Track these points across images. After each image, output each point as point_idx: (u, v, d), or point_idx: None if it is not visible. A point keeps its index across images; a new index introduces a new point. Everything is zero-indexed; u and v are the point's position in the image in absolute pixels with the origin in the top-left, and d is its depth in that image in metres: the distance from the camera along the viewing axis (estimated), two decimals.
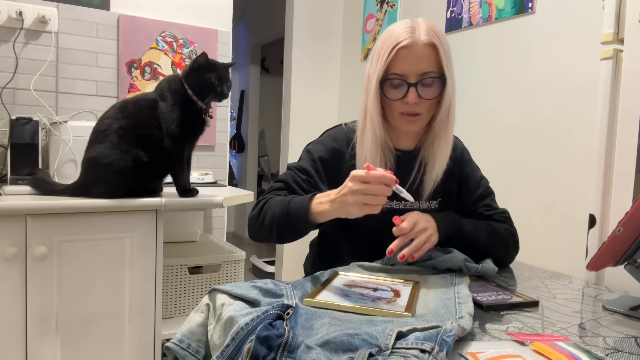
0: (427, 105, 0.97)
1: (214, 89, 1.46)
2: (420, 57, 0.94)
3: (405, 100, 0.96)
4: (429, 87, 0.96)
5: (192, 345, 0.75)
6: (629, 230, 0.80)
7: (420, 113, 0.98)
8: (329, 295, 0.80)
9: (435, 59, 0.95)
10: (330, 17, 2.83)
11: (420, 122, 1.00)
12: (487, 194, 1.14)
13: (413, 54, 0.94)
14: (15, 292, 1.30)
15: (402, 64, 0.94)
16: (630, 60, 1.04)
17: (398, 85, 0.96)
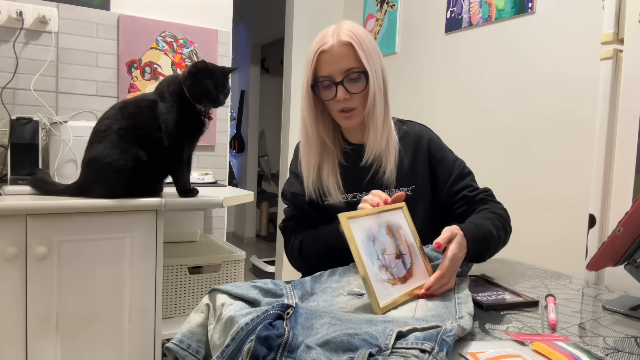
0: (359, 98, 1.04)
1: (210, 97, 1.45)
2: (340, 56, 1.01)
3: (336, 98, 1.03)
4: (355, 82, 1.02)
5: (192, 346, 0.75)
6: (629, 230, 0.80)
7: (354, 107, 1.04)
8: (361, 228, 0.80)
9: (354, 56, 1.01)
10: (330, 17, 2.83)
11: (356, 115, 1.06)
12: (464, 173, 1.14)
13: (332, 56, 1.01)
14: (15, 292, 1.30)
15: (326, 66, 1.02)
16: (630, 60, 1.04)
17: (327, 86, 1.03)
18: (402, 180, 1.09)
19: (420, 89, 2.22)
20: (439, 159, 1.13)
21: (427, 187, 1.11)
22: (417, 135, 1.14)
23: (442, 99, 2.10)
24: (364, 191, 1.08)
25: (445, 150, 1.16)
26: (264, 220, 5.11)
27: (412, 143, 1.12)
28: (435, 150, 1.14)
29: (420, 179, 1.10)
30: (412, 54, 2.27)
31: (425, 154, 1.12)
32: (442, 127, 2.06)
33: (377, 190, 0.98)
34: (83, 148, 1.44)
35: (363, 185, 1.09)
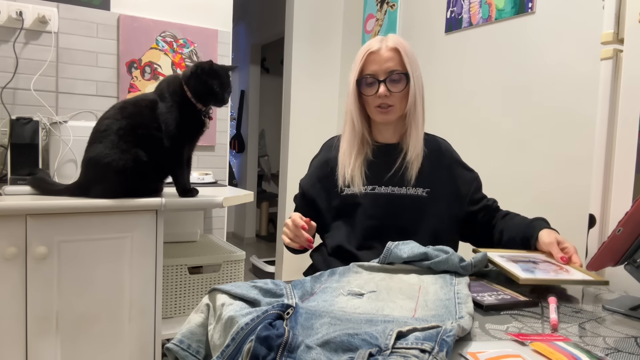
0: (397, 98, 1.16)
1: (216, 96, 1.47)
2: (386, 59, 1.15)
3: (377, 94, 1.15)
4: (396, 82, 1.15)
5: (192, 346, 0.75)
6: (629, 230, 0.80)
7: (392, 105, 1.16)
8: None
9: (399, 60, 1.16)
10: (330, 17, 2.83)
11: (393, 112, 1.17)
12: (480, 186, 1.27)
13: (380, 57, 1.16)
14: (15, 292, 1.30)
15: (372, 65, 1.16)
16: (630, 60, 1.04)
17: (371, 83, 1.16)
18: (420, 181, 1.17)
19: None
20: (460, 173, 1.24)
21: (443, 194, 1.19)
22: (440, 146, 1.26)
23: (442, 98, 2.10)
24: (383, 185, 1.18)
25: (464, 164, 1.28)
26: (264, 220, 5.11)
27: (435, 151, 1.22)
28: (457, 164, 1.25)
29: (437, 185, 1.18)
30: None
31: (447, 166, 1.22)
32: (442, 127, 2.06)
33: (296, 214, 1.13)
34: (83, 148, 1.44)
35: (384, 180, 1.18)
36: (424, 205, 1.16)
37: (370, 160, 1.20)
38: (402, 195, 1.16)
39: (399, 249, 0.97)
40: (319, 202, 1.23)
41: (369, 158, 1.20)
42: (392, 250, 0.97)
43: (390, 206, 1.15)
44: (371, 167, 1.19)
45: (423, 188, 1.17)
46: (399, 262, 0.97)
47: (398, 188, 1.17)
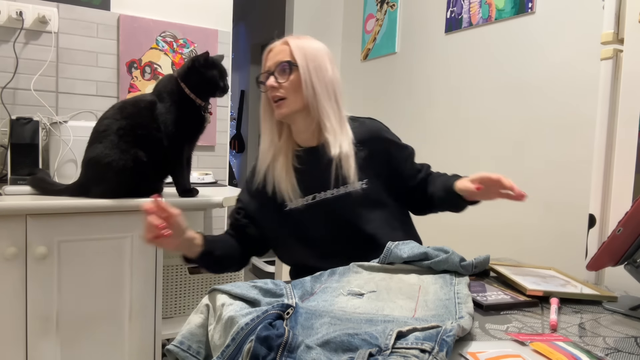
0: (288, 89, 1.12)
1: (217, 86, 1.49)
2: (277, 52, 1.14)
3: (266, 86, 1.14)
4: (283, 72, 1.11)
5: (192, 347, 0.75)
6: (629, 230, 0.80)
7: (283, 97, 1.12)
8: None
9: (289, 51, 1.12)
10: (330, 17, 2.83)
11: (286, 105, 1.13)
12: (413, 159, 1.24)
13: (273, 52, 1.15)
14: (15, 292, 1.30)
15: (267, 62, 1.15)
16: (630, 60, 1.04)
17: (265, 79, 1.15)
18: (361, 174, 1.13)
19: (420, 89, 2.22)
20: (395, 154, 1.19)
21: (383, 180, 1.15)
22: (369, 131, 1.19)
23: (442, 98, 2.10)
24: (323, 191, 1.12)
25: (398, 143, 1.22)
26: None
27: (365, 138, 1.16)
28: (390, 145, 1.19)
29: (375, 173, 1.14)
30: (412, 54, 2.27)
31: (381, 150, 1.17)
32: (442, 127, 2.06)
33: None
34: (83, 148, 1.44)
35: (322, 186, 1.12)
36: (368, 196, 1.11)
37: (301, 169, 1.14)
38: (344, 195, 1.11)
39: (399, 249, 0.97)
40: (261, 220, 1.17)
41: (298, 166, 1.14)
42: (392, 250, 0.97)
43: (336, 210, 1.11)
44: (304, 175, 1.13)
45: (362, 180, 1.12)
46: (399, 262, 0.97)
47: (337, 190, 1.11)
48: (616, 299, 0.87)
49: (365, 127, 1.19)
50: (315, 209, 1.11)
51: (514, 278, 0.93)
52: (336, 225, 1.11)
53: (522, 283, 0.90)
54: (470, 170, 1.91)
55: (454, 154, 1.99)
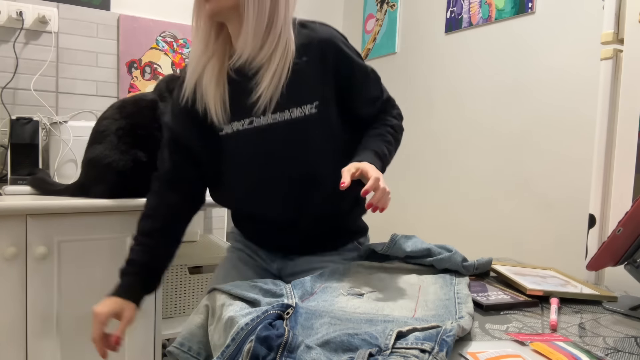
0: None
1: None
2: None
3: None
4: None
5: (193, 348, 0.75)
6: (629, 230, 0.80)
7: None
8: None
9: None
10: (330, 17, 2.83)
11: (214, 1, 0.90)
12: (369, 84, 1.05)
13: None
14: (15, 292, 1.30)
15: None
16: (630, 60, 1.04)
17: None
18: (305, 95, 0.93)
19: (420, 89, 2.22)
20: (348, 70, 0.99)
21: (334, 102, 0.97)
22: (319, 38, 0.96)
23: (442, 98, 2.10)
24: (262, 115, 0.92)
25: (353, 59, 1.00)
26: None
27: (315, 48, 0.94)
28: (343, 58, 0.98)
29: (326, 93, 0.95)
30: (412, 54, 2.27)
31: (333, 66, 0.96)
32: (442, 127, 2.06)
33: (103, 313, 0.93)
34: (83, 148, 1.44)
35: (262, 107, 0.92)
36: (315, 123, 0.93)
37: (237, 85, 0.93)
38: (288, 121, 0.92)
39: (402, 242, 0.98)
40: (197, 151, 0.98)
41: (235, 81, 0.93)
42: (397, 242, 0.97)
43: (276, 139, 0.93)
44: (240, 93, 0.93)
45: (311, 103, 0.93)
46: (401, 256, 0.97)
47: (280, 113, 0.92)
48: (616, 299, 0.87)
49: (315, 34, 0.96)
50: (251, 136, 0.94)
51: (514, 278, 0.93)
52: (275, 158, 0.94)
53: (522, 283, 0.90)
54: (470, 171, 1.92)
55: (453, 153, 1.99)
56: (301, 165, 0.95)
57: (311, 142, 0.95)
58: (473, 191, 1.89)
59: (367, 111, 1.04)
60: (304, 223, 1.02)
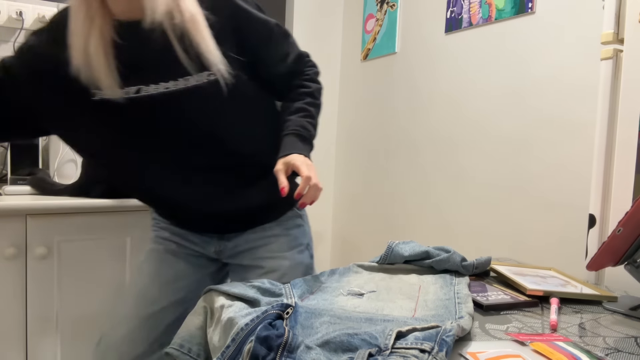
0: None
1: None
2: None
3: None
4: None
5: (192, 349, 0.75)
6: (629, 230, 0.80)
7: None
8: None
9: None
10: (330, 17, 2.83)
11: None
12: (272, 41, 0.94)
13: None
14: (15, 292, 1.30)
15: None
16: (630, 60, 1.04)
17: None
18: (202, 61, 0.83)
19: (420, 89, 2.22)
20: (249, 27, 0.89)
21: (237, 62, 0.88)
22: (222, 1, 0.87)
23: (442, 98, 2.10)
24: (152, 83, 0.82)
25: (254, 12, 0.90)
26: None
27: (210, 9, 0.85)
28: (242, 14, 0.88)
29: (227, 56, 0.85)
30: (412, 54, 2.27)
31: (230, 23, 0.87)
32: (442, 127, 2.06)
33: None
34: None
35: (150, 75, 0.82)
36: (218, 90, 0.84)
37: (120, 47, 0.81)
38: (183, 90, 0.82)
39: (400, 248, 0.97)
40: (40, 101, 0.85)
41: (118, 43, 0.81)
42: (394, 249, 0.97)
43: (168, 114, 0.83)
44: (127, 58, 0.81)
45: (209, 69, 0.83)
46: (400, 262, 0.97)
47: (174, 82, 0.82)
48: (616, 299, 0.87)
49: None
50: (138, 107, 0.83)
51: (514, 278, 0.93)
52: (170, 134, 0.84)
53: (522, 283, 0.90)
54: (470, 170, 1.92)
55: (453, 153, 1.99)
56: (206, 140, 0.86)
57: (214, 113, 0.86)
58: (473, 191, 1.89)
59: (279, 70, 0.94)
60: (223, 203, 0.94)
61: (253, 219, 1.02)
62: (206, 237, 1.05)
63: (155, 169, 0.89)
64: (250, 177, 0.97)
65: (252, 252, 1.00)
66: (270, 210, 1.04)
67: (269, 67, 0.93)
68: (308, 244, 1.09)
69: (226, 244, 1.04)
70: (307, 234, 1.10)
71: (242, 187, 0.96)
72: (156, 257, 1.05)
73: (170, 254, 1.05)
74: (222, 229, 1.03)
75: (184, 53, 0.81)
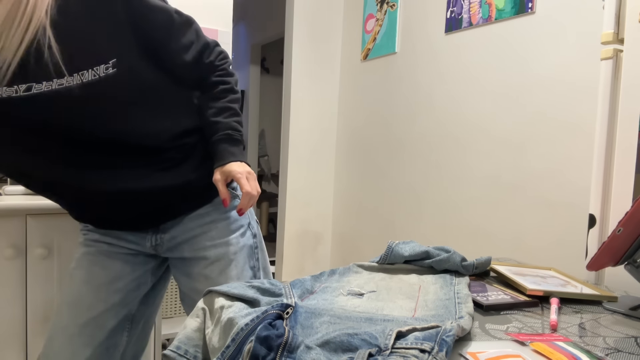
0: None
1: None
2: None
3: None
4: None
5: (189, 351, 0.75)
6: (629, 230, 0.80)
7: None
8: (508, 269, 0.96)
9: None
10: (330, 17, 2.83)
11: None
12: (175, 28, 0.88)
13: None
14: (15, 292, 1.30)
15: None
16: (630, 60, 1.04)
17: None
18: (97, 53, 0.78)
19: (420, 89, 2.22)
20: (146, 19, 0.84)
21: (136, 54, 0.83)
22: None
23: (442, 98, 2.10)
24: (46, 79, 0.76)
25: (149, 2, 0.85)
26: (264, 220, 5.12)
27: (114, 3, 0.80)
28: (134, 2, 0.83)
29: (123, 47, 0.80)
30: (412, 54, 2.27)
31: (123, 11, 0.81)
32: (442, 127, 2.06)
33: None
34: None
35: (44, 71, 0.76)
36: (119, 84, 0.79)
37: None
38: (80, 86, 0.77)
39: (400, 248, 0.97)
40: None
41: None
42: (394, 249, 0.97)
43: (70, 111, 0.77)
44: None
45: (105, 63, 0.78)
46: (400, 262, 0.97)
47: (68, 77, 0.76)
48: (616, 299, 0.87)
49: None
50: (29, 106, 0.77)
51: (514, 278, 0.93)
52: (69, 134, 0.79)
53: (522, 283, 0.90)
54: (470, 170, 1.92)
55: (453, 153, 1.99)
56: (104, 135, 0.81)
57: (116, 109, 0.81)
58: (473, 191, 1.89)
59: (184, 60, 0.90)
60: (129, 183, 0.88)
61: (180, 204, 0.96)
62: (140, 232, 0.99)
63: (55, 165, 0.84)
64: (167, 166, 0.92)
65: (191, 242, 0.96)
66: (199, 190, 0.97)
67: (172, 57, 0.88)
68: (249, 222, 1.04)
69: (162, 236, 0.99)
70: (247, 214, 1.04)
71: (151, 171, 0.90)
72: (88, 261, 0.99)
73: (103, 255, 0.99)
74: (152, 221, 0.96)
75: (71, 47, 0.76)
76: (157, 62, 0.86)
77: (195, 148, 0.96)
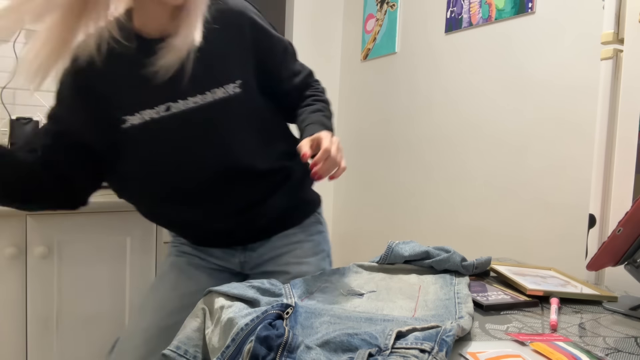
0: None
1: None
2: None
3: None
4: None
5: (189, 351, 0.75)
6: (629, 230, 0.80)
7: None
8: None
9: None
10: (330, 17, 2.83)
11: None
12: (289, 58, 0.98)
13: None
14: (15, 292, 1.30)
15: None
16: (630, 60, 1.04)
17: None
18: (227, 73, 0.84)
19: (420, 89, 2.22)
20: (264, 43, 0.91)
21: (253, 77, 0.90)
22: (235, 13, 0.86)
23: (442, 98, 2.10)
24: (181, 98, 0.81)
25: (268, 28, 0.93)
26: None
27: (232, 24, 0.85)
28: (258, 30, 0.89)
29: (247, 70, 0.87)
30: (412, 54, 2.27)
31: (250, 39, 0.88)
32: (442, 127, 2.06)
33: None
34: None
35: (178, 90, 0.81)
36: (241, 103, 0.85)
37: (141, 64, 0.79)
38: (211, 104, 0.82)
39: (400, 248, 0.97)
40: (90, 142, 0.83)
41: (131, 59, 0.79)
42: (394, 249, 0.97)
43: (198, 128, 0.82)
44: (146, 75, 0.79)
45: (234, 81, 0.84)
46: (400, 262, 0.97)
47: (202, 95, 0.81)
48: (616, 299, 0.87)
49: (227, 5, 0.86)
50: (169, 124, 0.81)
51: (514, 278, 0.93)
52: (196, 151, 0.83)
53: (522, 283, 0.90)
54: (470, 170, 1.92)
55: (453, 153, 1.99)
56: (226, 154, 0.86)
57: (236, 127, 0.86)
58: (473, 191, 1.89)
59: (289, 87, 0.97)
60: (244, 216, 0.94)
61: (275, 225, 1.02)
62: (230, 249, 1.03)
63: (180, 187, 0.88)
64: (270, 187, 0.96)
65: (276, 259, 0.99)
66: (293, 213, 1.03)
67: (282, 82, 0.96)
68: (329, 251, 1.09)
69: (251, 254, 1.03)
70: (328, 241, 1.10)
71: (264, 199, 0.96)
72: (178, 269, 1.04)
73: (192, 267, 1.04)
74: (244, 240, 1.02)
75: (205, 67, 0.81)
76: (264, 86, 0.92)
77: (293, 170, 0.99)
